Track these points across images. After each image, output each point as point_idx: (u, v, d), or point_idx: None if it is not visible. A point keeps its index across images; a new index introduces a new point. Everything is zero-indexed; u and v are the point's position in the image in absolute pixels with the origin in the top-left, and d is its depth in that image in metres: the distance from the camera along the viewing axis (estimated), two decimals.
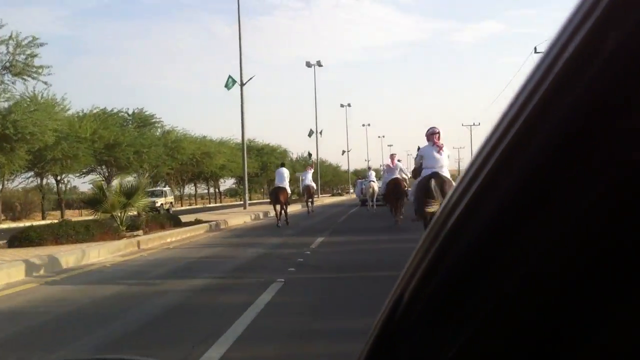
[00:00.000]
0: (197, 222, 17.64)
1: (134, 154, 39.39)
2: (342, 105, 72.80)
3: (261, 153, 69.26)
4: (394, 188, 15.59)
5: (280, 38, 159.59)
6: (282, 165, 19.14)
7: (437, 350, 0.37)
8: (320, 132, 51.44)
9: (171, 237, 13.87)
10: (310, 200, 23.28)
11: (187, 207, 44.81)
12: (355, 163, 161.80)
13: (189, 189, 61.44)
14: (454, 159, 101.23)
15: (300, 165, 76.58)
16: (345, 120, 72.97)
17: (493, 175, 0.33)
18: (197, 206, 50.85)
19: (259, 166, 67.64)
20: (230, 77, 27.44)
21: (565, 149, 0.30)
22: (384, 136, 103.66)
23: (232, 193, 72.62)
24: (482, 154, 0.35)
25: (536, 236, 0.31)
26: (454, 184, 4.63)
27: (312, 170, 23.59)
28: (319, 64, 50.64)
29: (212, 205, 54.86)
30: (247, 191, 28.40)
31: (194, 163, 51.48)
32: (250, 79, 27.84)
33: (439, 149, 7.99)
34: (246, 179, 28.64)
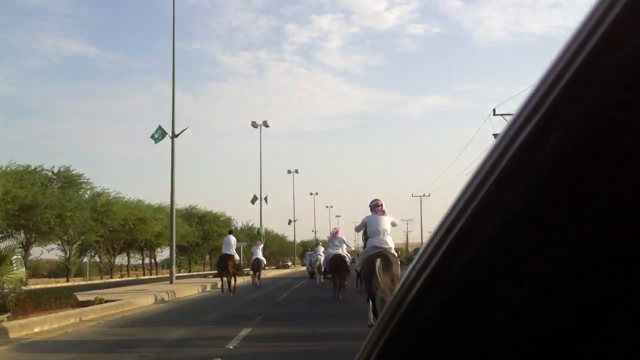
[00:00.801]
0: (95, 302, 13.67)
1: (55, 217, 34.90)
2: (289, 172, 69.92)
3: (203, 221, 65.06)
4: (336, 265, 15.57)
5: (232, 104, 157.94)
6: (230, 232, 19.21)
7: None
8: (265, 199, 47.98)
9: (43, 325, 9.99)
10: (258, 273, 22.92)
11: (99, 281, 39.84)
12: (302, 233, 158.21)
13: (121, 259, 56.31)
14: (402, 231, 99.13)
15: (244, 234, 72.34)
16: (292, 188, 69.67)
17: (450, 251, 0.35)
18: (118, 279, 45.87)
19: (200, 235, 63.29)
20: (160, 127, 23.94)
21: (559, 172, 0.31)
22: (332, 206, 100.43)
23: (170, 264, 67.59)
24: (451, 215, 0.36)
25: (492, 312, 0.33)
26: (399, 262, 7.67)
27: (262, 245, 24.39)
28: (265, 124, 47.91)
29: (139, 277, 49.96)
30: (174, 262, 24.50)
31: (126, 230, 46.90)
32: (183, 130, 24.48)
33: (383, 213, 8.14)
34: (173, 246, 24.82)
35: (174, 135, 24.23)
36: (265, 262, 24.29)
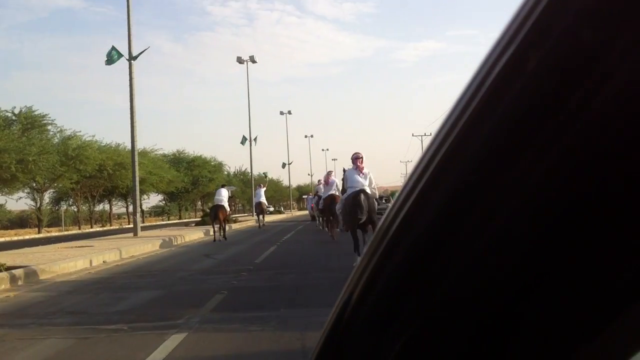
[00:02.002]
0: None
1: (17, 163, 30.55)
2: (282, 113, 65.16)
3: (192, 166, 60.66)
4: (330, 204, 15.78)
5: (222, 54, 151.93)
6: (223, 186, 20.08)
7: (381, 349, 0.39)
8: (255, 139, 43.49)
9: None
10: (261, 215, 25.33)
11: (74, 232, 35.74)
12: (298, 177, 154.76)
13: (102, 207, 52.22)
14: (400, 173, 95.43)
15: (237, 180, 68.10)
16: (286, 129, 64.97)
17: (430, 186, 0.35)
18: (99, 229, 41.85)
19: (189, 180, 59.09)
20: (113, 47, 19.71)
21: (494, 157, 0.32)
22: (327, 149, 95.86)
23: (158, 211, 63.40)
24: (420, 165, 0.37)
25: (464, 245, 0.34)
26: (377, 194, 8.86)
27: (265, 188, 25.63)
28: (252, 59, 42.96)
29: (122, 226, 46.00)
30: (138, 210, 20.13)
31: (105, 176, 42.59)
32: (142, 52, 19.84)
33: (361, 171, 8.68)
34: (137, 192, 20.42)
35: (131, 58, 19.60)
36: (266, 204, 25.99)
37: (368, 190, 8.56)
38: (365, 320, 0.41)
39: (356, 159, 8.82)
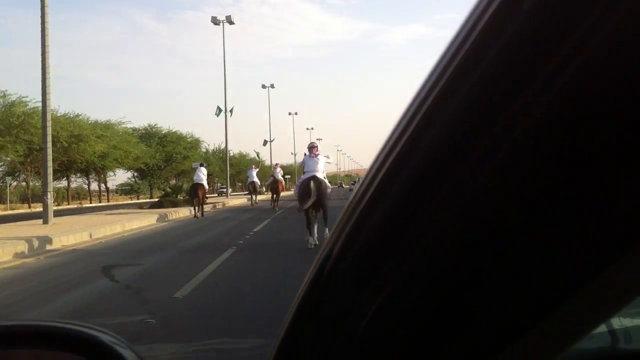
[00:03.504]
0: None
1: None
2: (264, 87, 59.60)
3: (164, 141, 54.99)
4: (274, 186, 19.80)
5: (207, 33, 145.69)
6: (202, 165, 20.27)
7: (361, 303, 0.39)
8: (231, 111, 38.12)
9: None
10: (254, 194, 26.56)
11: (12, 212, 30.21)
12: (280, 156, 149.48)
13: (60, 183, 46.46)
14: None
15: (216, 158, 62.58)
16: (268, 104, 59.47)
17: (405, 151, 0.35)
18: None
19: (162, 157, 53.58)
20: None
21: (474, 120, 0.31)
22: (312, 128, 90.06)
23: (126, 190, 57.73)
24: (397, 130, 0.36)
25: (440, 205, 0.33)
26: (327, 183, 9.69)
27: (257, 169, 27.33)
28: (228, 20, 37.46)
29: (82, 205, 40.61)
30: (49, 191, 14.75)
31: (59, 149, 37.03)
32: None
33: (315, 157, 9.59)
34: (49, 163, 15.06)
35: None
36: (259, 183, 27.24)
37: (320, 176, 9.39)
38: (346, 275, 0.41)
39: (312, 147, 9.83)
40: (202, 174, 19.06)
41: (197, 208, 18.67)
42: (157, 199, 27.75)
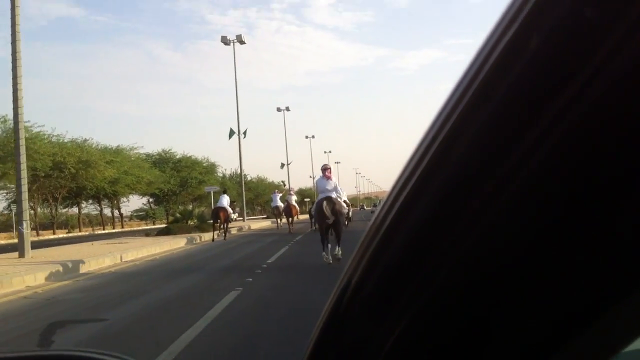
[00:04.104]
0: None
1: None
2: (279, 110, 57.76)
3: (179, 166, 53.22)
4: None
5: (221, 63, 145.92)
6: (225, 192, 21.25)
7: (380, 334, 0.39)
8: (244, 133, 36.13)
9: None
10: (279, 218, 27.19)
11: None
12: (298, 180, 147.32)
13: (67, 210, 44.63)
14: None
15: (233, 182, 60.34)
16: (284, 126, 57.59)
17: (424, 179, 0.35)
18: (63, 235, 34.48)
19: (176, 182, 51.66)
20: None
21: (492, 146, 0.31)
22: (330, 151, 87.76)
23: (141, 216, 55.78)
24: (415, 157, 0.36)
25: (459, 234, 0.33)
26: (342, 203, 9.86)
27: (281, 194, 27.87)
28: (239, 39, 35.68)
29: (93, 232, 38.66)
30: (26, 217, 12.64)
31: (66, 176, 35.24)
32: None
33: (328, 179, 9.78)
34: (24, 189, 13.08)
35: None
36: (282, 207, 27.11)
37: (333, 195, 9.60)
38: (364, 305, 0.40)
39: (324, 169, 10.08)
40: (225, 200, 19.87)
41: (219, 232, 19.40)
42: (164, 225, 25.58)
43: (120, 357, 0.72)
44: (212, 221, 20.20)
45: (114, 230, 39.91)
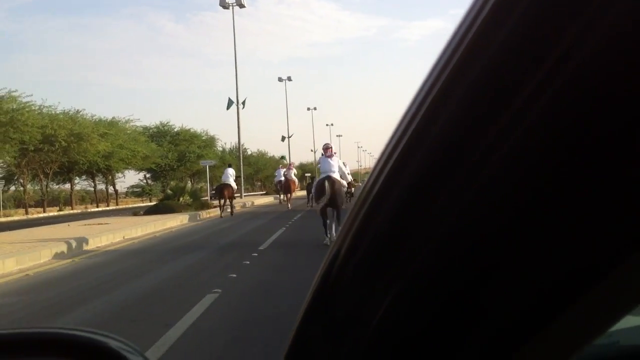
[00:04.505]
0: None
1: None
2: (280, 80, 55.73)
3: (177, 140, 51.39)
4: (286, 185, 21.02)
5: (224, 34, 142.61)
6: (229, 165, 20.66)
7: (369, 303, 0.39)
8: (243, 103, 34.26)
9: None
10: (288, 194, 24.91)
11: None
12: (299, 154, 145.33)
13: (59, 186, 42.96)
14: None
15: (233, 157, 58.07)
16: (285, 98, 55.61)
17: (410, 147, 0.35)
18: (54, 214, 32.84)
19: (174, 156, 49.87)
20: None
21: (468, 126, 0.32)
22: (332, 124, 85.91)
23: (137, 192, 54.00)
24: (400, 127, 0.37)
25: (447, 206, 0.33)
26: (343, 182, 9.98)
27: (284, 170, 26.22)
28: (238, 3, 33.51)
29: (86, 210, 37.08)
30: None
31: (57, 150, 33.47)
32: None
33: (330, 157, 9.78)
34: None
35: None
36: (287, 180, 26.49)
37: (335, 176, 9.57)
38: (353, 276, 0.40)
39: (326, 148, 10.09)
40: (230, 175, 19.32)
41: (223, 208, 18.89)
42: (154, 202, 23.87)
43: (117, 338, 0.72)
44: (217, 199, 19.79)
45: (108, 208, 38.25)
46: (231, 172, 19.55)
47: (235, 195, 20.96)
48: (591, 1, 0.26)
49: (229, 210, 19.22)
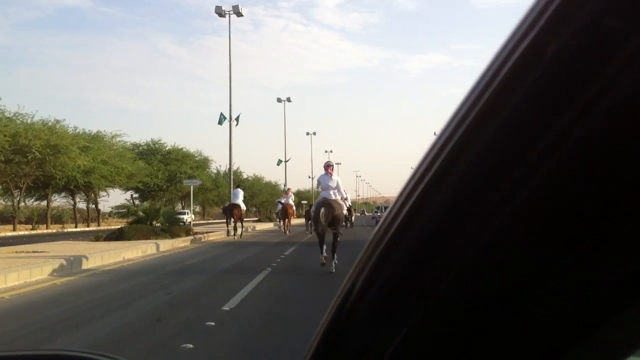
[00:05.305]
0: None
1: None
2: (279, 100, 52.80)
3: (168, 159, 48.36)
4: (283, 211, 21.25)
5: (226, 58, 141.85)
6: (239, 186, 21.48)
7: (381, 342, 0.38)
8: (237, 119, 31.11)
9: None
10: (286, 219, 24.91)
11: None
12: (296, 181, 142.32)
13: (37, 203, 39.61)
14: (400, 180, 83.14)
15: (228, 180, 55.60)
16: (284, 119, 52.58)
17: (432, 185, 0.35)
18: (23, 232, 29.47)
19: (164, 176, 46.68)
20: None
21: (502, 155, 0.31)
22: (331, 150, 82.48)
23: (122, 213, 50.50)
24: (424, 164, 0.36)
25: (466, 242, 0.33)
26: (343, 204, 9.95)
27: (286, 196, 25.85)
28: (235, 11, 30.66)
29: (63, 230, 33.69)
30: None
31: (30, 161, 30.26)
32: None
33: (330, 176, 9.78)
34: None
35: None
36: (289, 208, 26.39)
37: (335, 194, 9.59)
38: (368, 311, 0.40)
39: (327, 166, 10.01)
40: (239, 196, 19.79)
41: (233, 228, 19.38)
42: (119, 227, 20.47)
43: (113, 357, 0.72)
44: (225, 218, 20.38)
45: (88, 229, 34.90)
46: (241, 193, 20.13)
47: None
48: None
49: (238, 231, 19.43)
